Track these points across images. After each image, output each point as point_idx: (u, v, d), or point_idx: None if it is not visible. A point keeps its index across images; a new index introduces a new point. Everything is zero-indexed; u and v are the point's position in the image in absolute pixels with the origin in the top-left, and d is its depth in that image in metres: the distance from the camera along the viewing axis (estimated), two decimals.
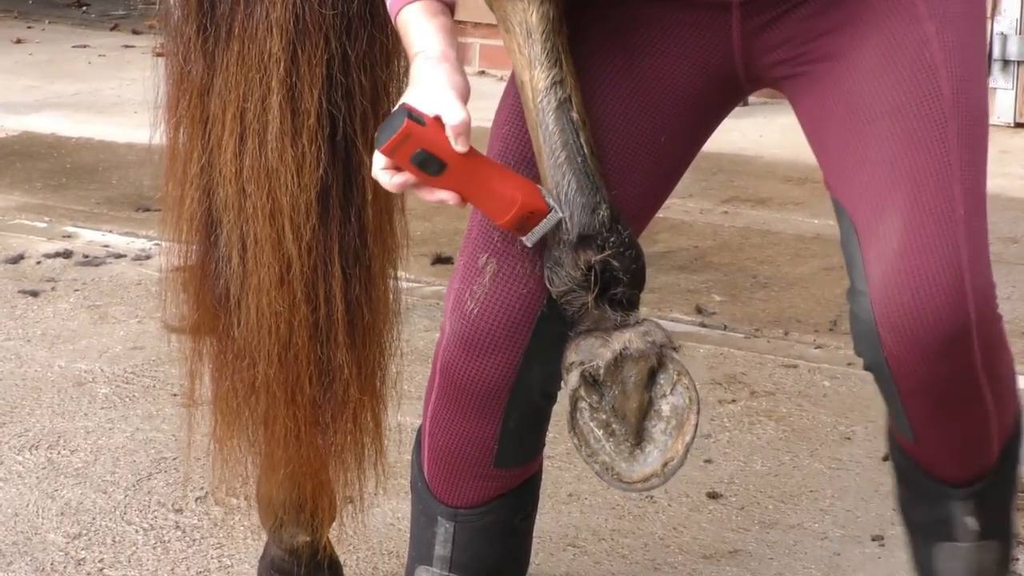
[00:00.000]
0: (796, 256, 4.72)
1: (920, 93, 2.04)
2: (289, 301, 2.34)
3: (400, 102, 2.05)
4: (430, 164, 2.01)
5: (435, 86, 2.02)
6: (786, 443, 3.44)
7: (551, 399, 2.26)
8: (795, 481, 3.27)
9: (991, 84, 6.04)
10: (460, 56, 2.07)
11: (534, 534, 2.44)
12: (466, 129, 2.00)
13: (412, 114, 2.01)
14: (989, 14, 5.88)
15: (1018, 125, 6.20)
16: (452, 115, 2.00)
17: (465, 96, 2.03)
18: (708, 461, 3.34)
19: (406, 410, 2.41)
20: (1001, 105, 6.12)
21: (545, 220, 2.07)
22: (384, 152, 2.02)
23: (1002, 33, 6.13)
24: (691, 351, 3.96)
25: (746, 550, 3.00)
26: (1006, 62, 6.16)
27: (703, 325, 4.16)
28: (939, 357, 1.99)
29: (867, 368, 2.07)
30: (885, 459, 3.35)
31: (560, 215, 2.06)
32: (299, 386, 2.39)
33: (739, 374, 3.82)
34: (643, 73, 2.16)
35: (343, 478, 2.51)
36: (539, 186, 2.09)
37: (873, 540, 3.03)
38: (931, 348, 1.99)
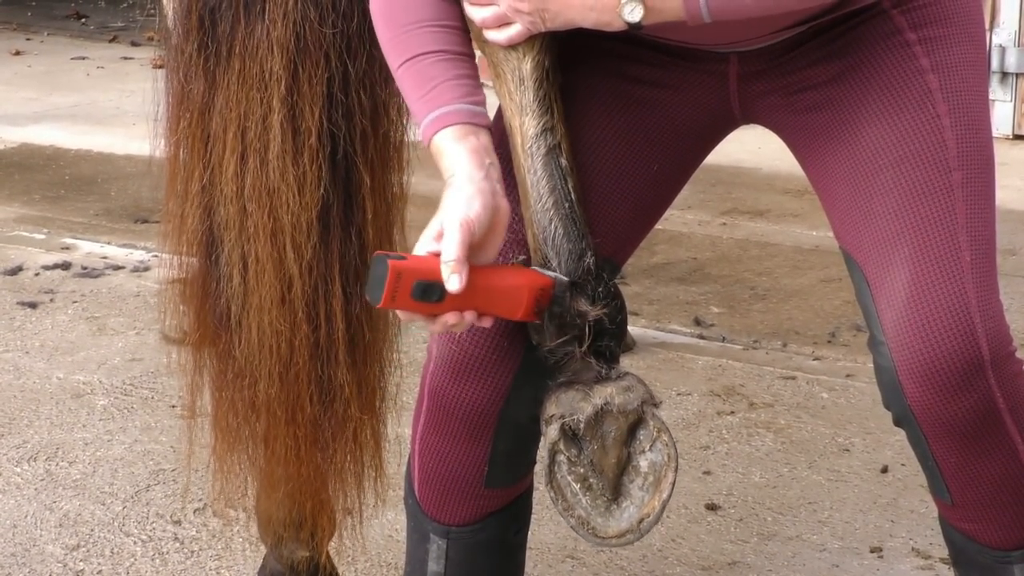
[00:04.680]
0: (795, 268, 4.72)
1: (924, 144, 2.07)
2: (290, 320, 2.33)
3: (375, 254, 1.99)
4: (432, 292, 1.96)
5: (445, 215, 1.98)
6: (784, 455, 3.44)
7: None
8: (793, 493, 3.27)
9: (989, 96, 6.05)
10: (493, 174, 2.03)
11: (533, 545, 2.44)
12: (459, 266, 1.94)
13: (389, 256, 1.96)
14: (987, 26, 5.88)
15: (1016, 137, 6.21)
16: (446, 250, 1.95)
17: (482, 219, 1.98)
18: (707, 473, 3.34)
19: (405, 422, 2.40)
20: (999, 117, 6.13)
21: (555, 291, 2.04)
22: (385, 305, 1.95)
23: (1000, 45, 6.14)
24: (689, 363, 3.96)
25: (744, 562, 3.00)
26: (1004, 74, 6.16)
27: (701, 337, 4.16)
28: (957, 393, 2.01)
29: (897, 422, 2.08)
30: (883, 471, 3.35)
31: (565, 280, 2.04)
32: (299, 405, 2.38)
33: (737, 386, 3.82)
34: (641, 105, 2.17)
35: (343, 495, 2.50)
36: (532, 268, 2.06)
37: (872, 552, 3.02)
38: (947, 385, 2.00)
